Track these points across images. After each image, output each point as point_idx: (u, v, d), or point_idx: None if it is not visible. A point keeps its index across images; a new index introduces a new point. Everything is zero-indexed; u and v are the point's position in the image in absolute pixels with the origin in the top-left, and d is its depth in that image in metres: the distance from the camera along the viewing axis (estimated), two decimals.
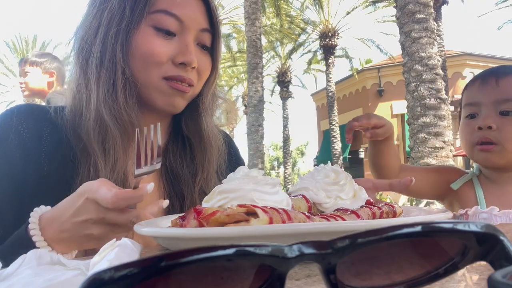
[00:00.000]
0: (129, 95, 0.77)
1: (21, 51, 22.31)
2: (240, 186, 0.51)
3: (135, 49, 0.77)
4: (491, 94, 1.06)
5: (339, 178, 0.59)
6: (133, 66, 0.78)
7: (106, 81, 0.76)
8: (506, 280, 0.18)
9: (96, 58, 0.77)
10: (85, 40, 0.79)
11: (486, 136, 1.05)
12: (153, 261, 0.20)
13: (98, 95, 0.76)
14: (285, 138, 19.92)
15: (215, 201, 0.51)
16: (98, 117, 0.75)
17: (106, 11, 0.78)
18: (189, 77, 0.80)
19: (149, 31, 0.78)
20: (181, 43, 0.80)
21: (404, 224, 0.25)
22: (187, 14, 0.80)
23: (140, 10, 0.77)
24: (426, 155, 5.96)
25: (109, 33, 0.77)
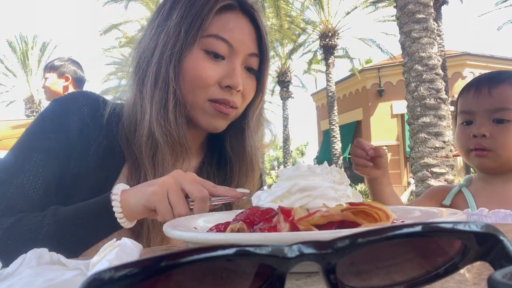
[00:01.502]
0: (179, 114, 0.82)
1: (21, 51, 22.32)
2: (320, 184, 0.49)
3: (186, 71, 0.82)
4: (484, 103, 1.11)
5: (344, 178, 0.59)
6: (183, 87, 0.82)
7: (159, 101, 0.81)
8: (506, 280, 0.18)
9: (151, 78, 0.82)
10: (143, 59, 0.84)
11: (480, 143, 1.11)
12: (153, 261, 0.20)
13: (152, 113, 0.81)
14: (285, 138, 19.92)
15: (294, 200, 0.48)
16: (150, 134, 0.81)
17: (163, 33, 0.82)
18: (234, 99, 0.84)
19: (199, 54, 0.82)
20: (228, 66, 0.83)
21: (404, 224, 0.25)
22: (237, 38, 0.84)
23: (193, 34, 0.81)
24: (426, 155, 5.96)
25: (164, 54, 0.81)
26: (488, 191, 1.15)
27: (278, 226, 0.44)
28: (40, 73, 23.54)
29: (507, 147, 1.08)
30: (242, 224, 0.47)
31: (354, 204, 0.45)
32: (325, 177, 0.50)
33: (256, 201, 0.53)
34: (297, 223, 0.42)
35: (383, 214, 0.44)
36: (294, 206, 0.46)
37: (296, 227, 0.42)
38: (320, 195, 0.47)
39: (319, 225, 0.43)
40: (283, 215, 0.44)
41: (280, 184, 0.51)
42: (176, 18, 0.82)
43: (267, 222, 0.46)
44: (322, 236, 0.40)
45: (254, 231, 0.46)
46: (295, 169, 0.52)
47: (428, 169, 5.95)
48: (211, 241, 0.41)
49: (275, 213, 0.47)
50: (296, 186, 0.48)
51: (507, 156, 1.09)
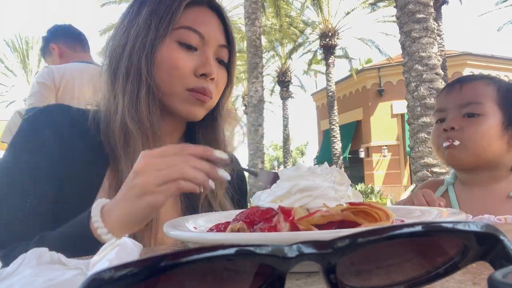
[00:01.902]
0: (152, 103, 0.84)
1: (21, 51, 22.32)
2: (320, 184, 0.49)
3: (160, 62, 0.84)
4: (455, 98, 1.15)
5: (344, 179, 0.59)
6: (158, 77, 0.84)
7: (130, 91, 0.83)
8: (506, 280, 0.18)
9: (123, 71, 0.84)
10: (114, 56, 0.87)
11: (449, 136, 1.13)
12: (153, 261, 0.20)
13: (124, 104, 0.83)
14: (285, 138, 19.93)
15: (294, 200, 0.48)
16: (123, 124, 0.82)
17: (133, 28, 0.85)
18: (209, 88, 0.87)
19: (173, 45, 0.85)
20: (202, 56, 0.87)
21: (404, 224, 0.25)
22: (208, 31, 0.88)
23: (165, 27, 0.84)
24: (426, 154, 5.95)
25: (136, 46, 0.84)
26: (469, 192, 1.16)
27: (278, 225, 0.44)
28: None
29: (474, 139, 1.09)
30: (242, 224, 0.47)
31: (354, 204, 0.45)
32: (325, 177, 0.51)
33: (256, 201, 0.53)
34: (297, 223, 0.42)
35: (383, 214, 0.44)
36: (294, 206, 0.46)
37: (296, 226, 0.42)
38: (321, 195, 0.47)
39: (319, 225, 0.43)
40: (283, 215, 0.44)
41: (280, 184, 0.51)
42: (146, 14, 0.85)
43: (267, 222, 0.47)
44: (322, 236, 0.40)
45: (254, 230, 0.46)
46: (296, 169, 0.53)
47: (428, 169, 5.94)
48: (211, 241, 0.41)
49: (275, 213, 0.48)
50: (296, 187, 0.48)
51: (476, 148, 1.10)
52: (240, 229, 0.47)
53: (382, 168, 16.75)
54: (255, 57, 9.77)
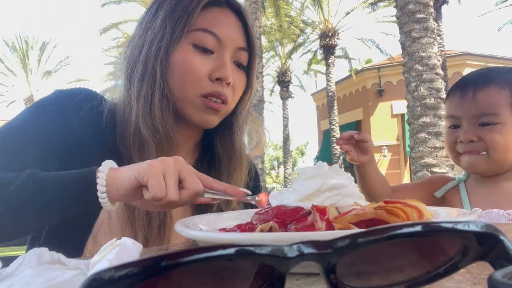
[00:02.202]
0: (166, 108, 0.81)
1: (21, 51, 22.31)
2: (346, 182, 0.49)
3: (174, 66, 0.82)
4: (469, 108, 1.09)
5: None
6: (172, 82, 0.82)
7: (144, 95, 0.81)
8: (506, 280, 0.18)
9: (138, 74, 0.82)
10: (131, 58, 0.85)
11: (469, 148, 1.09)
12: (153, 261, 0.20)
13: (138, 108, 0.81)
14: (285, 138, 19.92)
15: (323, 198, 0.47)
16: (137, 129, 0.81)
17: (150, 31, 0.83)
18: (225, 93, 0.84)
19: (188, 48, 0.82)
20: (218, 60, 0.83)
21: (404, 224, 0.25)
22: (226, 32, 0.84)
23: (180, 29, 0.81)
24: (426, 155, 5.95)
25: (151, 49, 0.82)
26: (482, 189, 1.14)
27: (316, 224, 0.43)
28: (40, 72, 23.55)
29: (499, 147, 1.06)
30: (274, 224, 0.46)
31: (388, 202, 0.44)
32: (346, 176, 0.51)
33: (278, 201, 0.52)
34: (333, 222, 0.41)
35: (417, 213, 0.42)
36: (323, 204, 0.46)
37: (332, 225, 0.41)
38: (348, 193, 0.48)
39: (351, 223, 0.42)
40: (318, 213, 0.43)
41: (304, 183, 0.51)
42: (162, 15, 0.83)
43: (299, 221, 0.46)
44: (322, 236, 0.40)
45: (287, 230, 0.45)
46: (318, 168, 0.52)
47: (428, 169, 5.94)
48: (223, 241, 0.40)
49: (306, 212, 0.47)
50: (325, 185, 0.48)
51: (500, 157, 1.06)
52: (272, 229, 0.45)
53: (382, 168, 16.74)
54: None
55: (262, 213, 0.51)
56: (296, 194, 0.50)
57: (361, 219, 0.42)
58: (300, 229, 0.44)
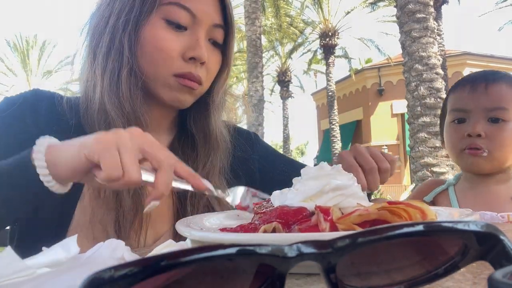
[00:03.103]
0: (134, 86, 0.76)
1: (21, 51, 22.31)
2: (348, 183, 0.49)
3: (144, 42, 0.76)
4: (480, 100, 1.06)
5: None
6: (141, 58, 0.77)
7: (111, 72, 0.75)
8: (506, 279, 0.18)
9: (103, 48, 0.76)
10: (96, 30, 0.78)
11: (475, 143, 1.06)
12: (153, 260, 0.20)
13: (103, 85, 0.75)
14: (285, 138, 19.92)
15: (326, 199, 0.47)
16: (102, 108, 0.75)
17: (118, 1, 0.77)
18: (198, 73, 0.79)
19: (159, 23, 0.77)
20: (192, 37, 0.78)
21: (404, 224, 0.25)
22: (200, 8, 0.78)
23: (151, 1, 0.75)
24: (426, 154, 5.95)
25: (118, 23, 0.75)
26: (472, 191, 1.13)
27: (320, 225, 0.43)
28: (40, 72, 23.50)
29: (503, 148, 1.05)
30: (277, 224, 0.45)
31: (392, 202, 0.44)
32: (349, 176, 0.50)
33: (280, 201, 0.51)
34: (337, 223, 0.41)
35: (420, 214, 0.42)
36: (327, 205, 0.46)
37: (336, 226, 0.41)
38: (351, 194, 0.47)
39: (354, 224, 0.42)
40: (322, 214, 0.43)
41: (307, 183, 0.51)
42: None
43: (303, 221, 0.45)
44: (322, 236, 0.40)
45: (291, 231, 0.45)
46: (320, 168, 0.52)
47: (428, 169, 5.94)
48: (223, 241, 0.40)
49: (309, 213, 0.47)
50: (328, 186, 0.48)
51: (502, 157, 1.06)
52: (275, 230, 0.45)
53: None
54: (255, 56, 9.76)
55: (265, 213, 0.50)
56: (299, 195, 0.49)
57: (365, 219, 0.42)
58: (303, 229, 0.44)
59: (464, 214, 0.52)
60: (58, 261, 0.38)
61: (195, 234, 0.45)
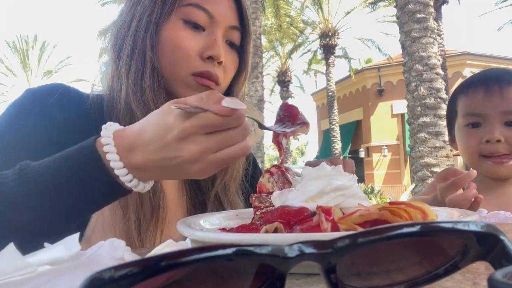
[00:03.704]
0: (157, 85, 0.78)
1: (21, 51, 22.32)
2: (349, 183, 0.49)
3: (164, 42, 0.79)
4: (496, 105, 1.03)
5: None
6: (162, 58, 0.79)
7: (135, 72, 0.78)
8: (506, 280, 0.18)
9: (127, 50, 0.79)
10: (119, 34, 0.81)
11: (498, 150, 1.03)
12: (153, 260, 0.20)
13: (128, 85, 0.77)
14: None
15: (327, 200, 0.47)
16: (128, 107, 0.77)
17: (139, 5, 0.80)
18: (216, 73, 0.80)
19: (178, 24, 0.79)
20: (209, 37, 0.80)
21: (404, 224, 0.25)
22: (218, 9, 0.80)
23: (171, 3, 0.78)
24: (426, 154, 5.96)
25: (140, 25, 0.78)
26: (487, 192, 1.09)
27: (321, 225, 0.43)
28: (40, 72, 23.52)
29: None
30: (279, 224, 0.45)
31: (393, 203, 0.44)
32: (349, 177, 0.51)
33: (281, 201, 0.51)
34: (339, 223, 0.41)
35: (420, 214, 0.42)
36: (328, 205, 0.46)
37: (337, 226, 0.41)
38: (352, 194, 0.48)
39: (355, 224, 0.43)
40: (324, 214, 0.43)
41: (308, 184, 0.51)
42: None
43: (304, 222, 0.46)
44: (322, 236, 0.40)
45: (293, 231, 0.45)
46: (320, 169, 0.52)
47: (428, 169, 5.95)
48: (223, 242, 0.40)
49: (311, 213, 0.47)
50: (329, 186, 0.48)
51: None
52: (277, 230, 0.45)
53: (382, 168, 16.75)
54: (255, 56, 9.77)
55: (266, 214, 0.50)
56: (300, 195, 0.49)
57: (366, 219, 0.42)
58: (305, 230, 0.44)
59: (463, 214, 0.52)
60: (59, 259, 0.38)
61: (195, 234, 0.45)
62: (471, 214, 0.52)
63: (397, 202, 0.44)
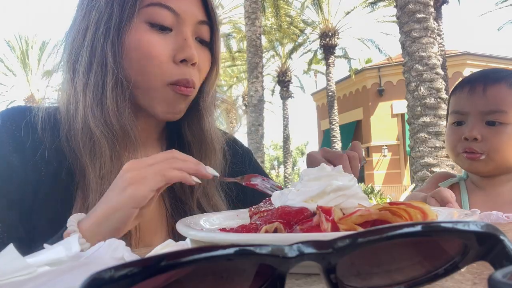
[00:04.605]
0: (121, 98, 0.71)
1: (21, 50, 22.31)
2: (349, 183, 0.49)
3: (129, 49, 0.71)
4: (478, 104, 1.06)
5: None
6: (128, 67, 0.72)
7: (94, 86, 0.70)
8: (506, 279, 0.18)
9: (84, 62, 0.71)
10: (74, 44, 0.74)
11: (471, 147, 1.06)
12: (153, 260, 0.20)
13: (85, 102, 0.70)
14: (285, 138, 19.92)
15: (328, 200, 0.47)
16: (86, 127, 0.70)
17: (94, 10, 0.72)
18: (192, 78, 0.75)
19: (142, 27, 0.72)
20: (178, 38, 0.74)
21: (404, 224, 0.25)
22: (183, 6, 0.74)
23: (131, 5, 0.71)
24: (426, 154, 5.95)
25: (98, 33, 0.71)
26: (481, 192, 1.12)
27: (321, 225, 0.43)
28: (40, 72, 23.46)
29: (500, 151, 1.04)
30: (279, 225, 0.45)
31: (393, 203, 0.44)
32: (349, 177, 0.51)
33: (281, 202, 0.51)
34: (338, 223, 0.41)
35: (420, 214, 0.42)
36: (328, 205, 0.46)
37: (337, 226, 0.41)
38: (353, 194, 0.48)
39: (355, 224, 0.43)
40: (324, 214, 0.43)
41: (308, 184, 0.51)
42: None
43: (304, 222, 0.46)
44: (322, 236, 0.40)
45: (293, 231, 0.45)
46: (321, 169, 0.52)
47: (429, 169, 5.94)
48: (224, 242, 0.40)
49: (311, 213, 0.47)
50: (330, 186, 0.48)
51: (500, 159, 1.05)
52: (277, 230, 0.45)
53: (382, 168, 16.75)
54: (255, 57, 9.77)
55: (266, 214, 0.51)
56: (300, 195, 0.50)
57: (366, 220, 0.42)
58: (305, 230, 0.44)
59: (463, 214, 0.52)
60: (59, 259, 0.38)
61: (195, 234, 0.45)
62: (469, 213, 0.52)
63: (397, 202, 0.44)
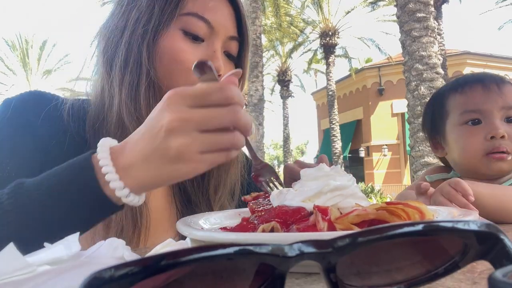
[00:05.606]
0: (153, 98, 0.73)
1: (21, 50, 22.31)
2: (347, 183, 0.49)
3: (162, 53, 0.74)
4: (497, 100, 1.03)
5: None
6: (159, 70, 0.75)
7: (129, 83, 0.73)
8: (506, 279, 0.18)
9: (120, 58, 0.74)
10: (111, 39, 0.76)
11: (503, 146, 1.01)
12: (153, 260, 0.20)
13: (121, 97, 0.73)
14: (285, 137, 19.93)
15: (325, 199, 0.47)
16: (120, 121, 0.72)
17: (134, 10, 0.75)
18: None
19: (177, 34, 0.75)
20: (208, 49, 0.77)
21: (404, 223, 0.25)
22: (218, 20, 0.77)
23: (170, 11, 0.74)
24: (426, 154, 5.96)
25: (136, 32, 0.73)
26: None
27: (318, 225, 0.43)
28: (40, 71, 23.49)
29: None
30: (276, 224, 0.45)
31: (390, 203, 0.44)
32: (348, 177, 0.51)
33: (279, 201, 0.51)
34: (335, 222, 0.41)
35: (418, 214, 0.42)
36: (326, 205, 0.46)
37: (333, 226, 0.41)
38: (350, 194, 0.48)
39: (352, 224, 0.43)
40: (320, 214, 0.43)
41: (307, 184, 0.51)
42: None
43: (301, 221, 0.46)
44: (322, 235, 0.40)
45: (289, 230, 0.45)
46: (319, 169, 0.53)
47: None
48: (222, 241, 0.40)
49: (308, 212, 0.47)
50: (327, 186, 0.48)
51: None
52: (274, 229, 0.45)
53: (383, 167, 16.76)
54: (255, 56, 9.77)
55: (264, 213, 0.51)
56: (298, 195, 0.50)
57: (363, 219, 0.42)
58: (302, 229, 0.44)
59: (463, 214, 0.52)
60: (59, 258, 0.38)
61: (195, 233, 0.45)
62: (471, 213, 0.52)
63: (395, 202, 0.45)
